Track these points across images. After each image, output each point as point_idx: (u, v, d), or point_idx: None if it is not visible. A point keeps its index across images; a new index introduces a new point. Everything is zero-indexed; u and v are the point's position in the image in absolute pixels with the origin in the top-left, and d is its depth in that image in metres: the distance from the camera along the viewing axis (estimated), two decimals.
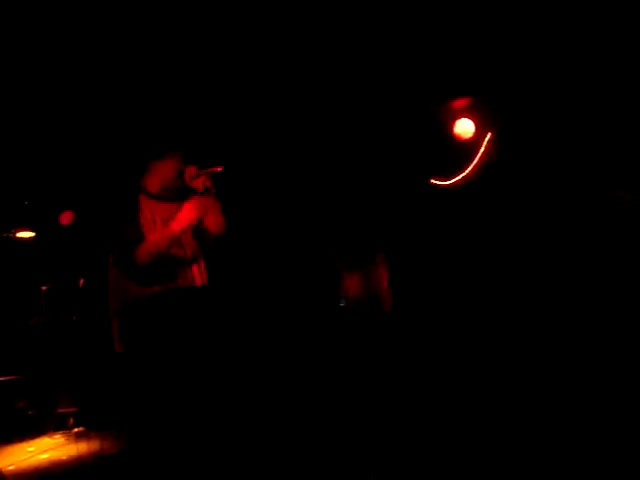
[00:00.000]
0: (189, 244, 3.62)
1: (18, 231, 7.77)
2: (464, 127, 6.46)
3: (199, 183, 3.56)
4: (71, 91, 5.78)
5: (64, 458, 5.68)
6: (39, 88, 5.69)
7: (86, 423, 6.34)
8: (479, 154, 6.64)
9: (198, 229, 3.63)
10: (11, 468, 5.41)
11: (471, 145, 6.64)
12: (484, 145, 6.61)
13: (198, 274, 3.63)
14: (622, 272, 5.62)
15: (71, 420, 6.56)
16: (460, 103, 6.47)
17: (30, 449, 6.06)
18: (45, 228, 7.83)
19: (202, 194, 3.57)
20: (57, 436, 6.42)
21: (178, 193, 3.63)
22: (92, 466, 5.27)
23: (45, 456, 5.81)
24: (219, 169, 3.56)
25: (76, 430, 6.31)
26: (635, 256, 5.54)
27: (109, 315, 3.53)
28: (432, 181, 7.31)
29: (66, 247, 7.75)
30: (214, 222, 3.65)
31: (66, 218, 7.51)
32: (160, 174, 3.64)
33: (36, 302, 7.12)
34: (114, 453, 5.44)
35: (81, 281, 7.04)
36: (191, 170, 3.59)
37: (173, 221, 3.43)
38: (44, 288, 7.14)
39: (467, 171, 6.84)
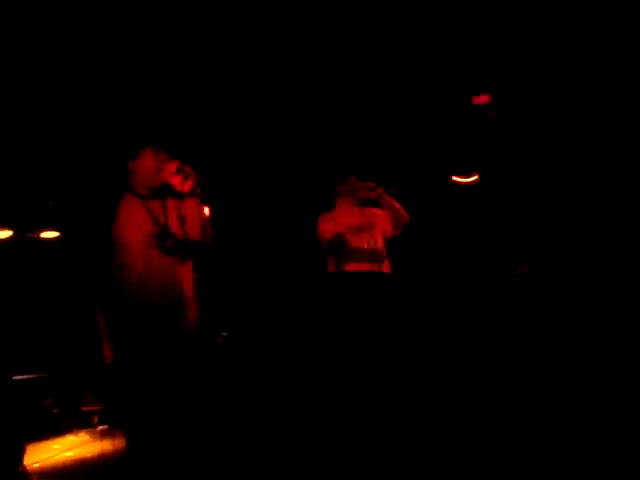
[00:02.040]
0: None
1: (43, 231, 7.85)
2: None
3: (177, 180, 3.49)
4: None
5: (88, 456, 5.70)
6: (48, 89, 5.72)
7: (110, 421, 6.36)
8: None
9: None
10: (36, 466, 5.44)
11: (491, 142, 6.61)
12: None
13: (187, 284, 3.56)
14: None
15: (96, 418, 6.60)
16: (482, 99, 6.43)
17: (55, 447, 6.10)
18: (70, 228, 7.90)
19: (187, 195, 3.51)
20: (82, 434, 6.46)
21: (166, 191, 3.56)
22: (116, 464, 5.29)
23: (70, 454, 5.84)
24: (188, 170, 3.50)
25: (100, 428, 6.35)
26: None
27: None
28: (453, 178, 7.30)
29: (91, 245, 7.81)
30: (193, 228, 3.56)
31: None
32: (139, 172, 3.57)
33: (61, 301, 7.17)
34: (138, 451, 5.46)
35: None
36: (171, 167, 3.53)
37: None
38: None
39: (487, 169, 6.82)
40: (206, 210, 3.58)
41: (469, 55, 5.83)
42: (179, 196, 3.56)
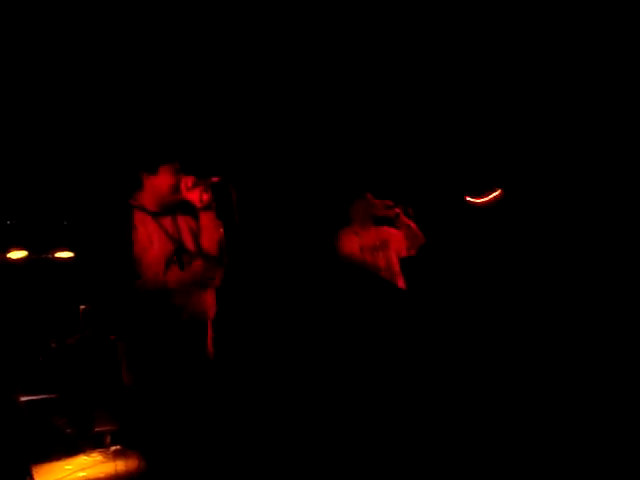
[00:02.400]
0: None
1: (57, 251, 7.87)
2: None
3: (195, 195, 3.37)
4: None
5: (101, 476, 5.68)
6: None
7: (124, 441, 6.33)
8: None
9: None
10: None
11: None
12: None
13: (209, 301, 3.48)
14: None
15: (109, 438, 6.57)
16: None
17: (68, 467, 6.08)
18: (84, 248, 7.92)
19: (201, 209, 3.39)
20: (95, 454, 6.43)
21: (176, 206, 3.47)
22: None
23: (82, 474, 5.82)
24: (215, 179, 3.34)
25: (114, 449, 6.31)
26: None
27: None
28: (467, 199, 7.29)
29: (105, 266, 7.82)
30: (208, 241, 3.45)
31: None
32: (155, 188, 3.45)
33: (74, 321, 7.18)
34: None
35: None
36: (187, 181, 3.40)
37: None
38: (82, 307, 7.19)
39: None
40: (221, 224, 3.46)
41: (484, 76, 5.86)
42: (190, 211, 3.48)
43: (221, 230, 3.39)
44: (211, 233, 3.39)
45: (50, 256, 7.87)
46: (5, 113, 5.79)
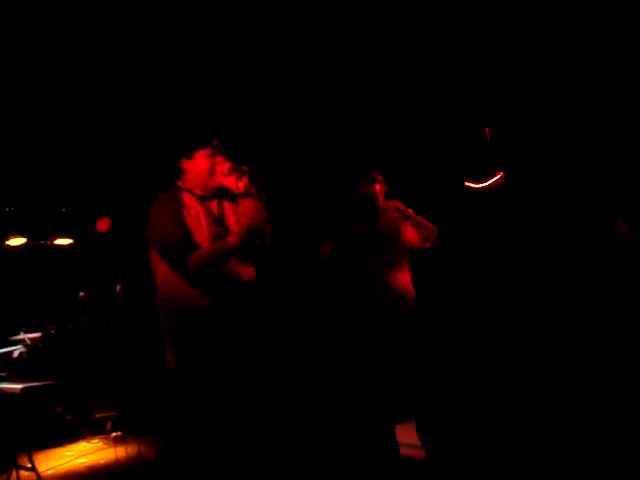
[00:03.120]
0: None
1: (56, 238, 7.88)
2: None
3: (231, 182, 3.37)
4: (99, 96, 5.79)
5: (102, 462, 5.71)
6: (70, 94, 5.74)
7: (124, 428, 6.36)
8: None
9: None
10: (49, 472, 5.45)
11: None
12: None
13: (246, 272, 3.43)
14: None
15: (109, 425, 6.60)
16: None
17: (68, 453, 6.11)
18: (83, 234, 7.92)
19: (241, 196, 3.34)
20: (95, 441, 6.47)
21: (222, 191, 3.44)
22: (130, 471, 5.29)
23: (83, 460, 5.85)
24: (244, 168, 3.33)
25: (114, 435, 6.34)
26: None
27: (162, 333, 3.40)
28: (467, 184, 7.28)
29: (103, 253, 7.83)
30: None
31: (103, 225, 7.56)
32: (193, 173, 3.45)
33: (74, 308, 7.19)
34: (152, 458, 5.46)
35: (118, 287, 7.08)
36: (223, 167, 3.41)
37: (232, 235, 3.26)
38: (82, 294, 7.20)
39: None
40: (262, 210, 3.40)
41: (481, 65, 5.83)
42: (234, 197, 3.42)
43: (262, 217, 3.31)
44: (249, 220, 3.30)
45: (49, 243, 7.87)
46: (6, 101, 5.78)
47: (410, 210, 4.56)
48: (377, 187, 4.65)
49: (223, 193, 3.47)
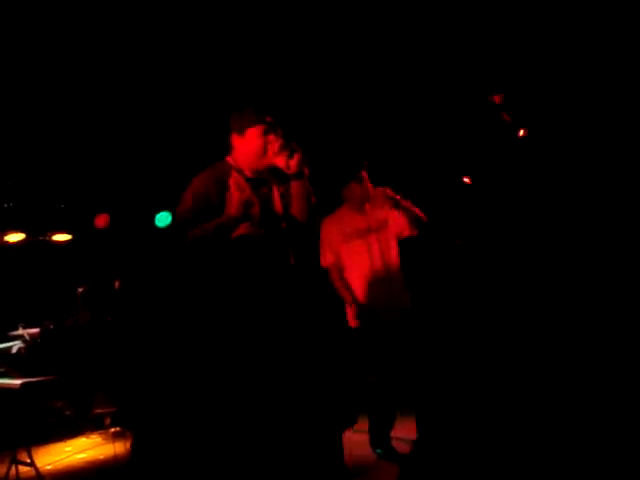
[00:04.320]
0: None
1: (54, 234, 7.87)
2: None
3: (282, 161, 3.15)
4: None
5: (101, 458, 5.72)
6: (76, 87, 5.73)
7: (123, 423, 6.37)
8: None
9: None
10: (48, 468, 5.46)
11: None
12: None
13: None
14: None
15: (108, 420, 6.61)
16: (495, 99, 6.40)
17: (67, 449, 6.12)
18: (81, 230, 7.92)
19: (293, 177, 3.16)
20: (94, 436, 6.48)
21: (272, 174, 3.29)
22: (129, 466, 5.29)
23: (82, 456, 5.86)
24: (296, 146, 3.15)
25: (113, 430, 6.35)
26: None
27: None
28: (464, 179, 7.28)
29: (102, 249, 7.83)
30: (298, 211, 3.27)
31: (101, 221, 7.56)
32: (243, 150, 3.27)
33: (72, 304, 7.18)
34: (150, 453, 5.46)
35: (117, 283, 7.08)
36: (274, 145, 3.19)
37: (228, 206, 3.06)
38: (80, 290, 7.20)
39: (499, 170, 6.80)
40: (312, 193, 3.22)
41: (482, 54, 5.82)
42: (285, 178, 3.27)
43: (312, 199, 3.22)
44: (300, 202, 3.22)
45: (47, 239, 7.87)
46: (4, 97, 5.77)
47: (399, 196, 4.58)
48: (366, 185, 4.70)
49: (274, 175, 3.32)
